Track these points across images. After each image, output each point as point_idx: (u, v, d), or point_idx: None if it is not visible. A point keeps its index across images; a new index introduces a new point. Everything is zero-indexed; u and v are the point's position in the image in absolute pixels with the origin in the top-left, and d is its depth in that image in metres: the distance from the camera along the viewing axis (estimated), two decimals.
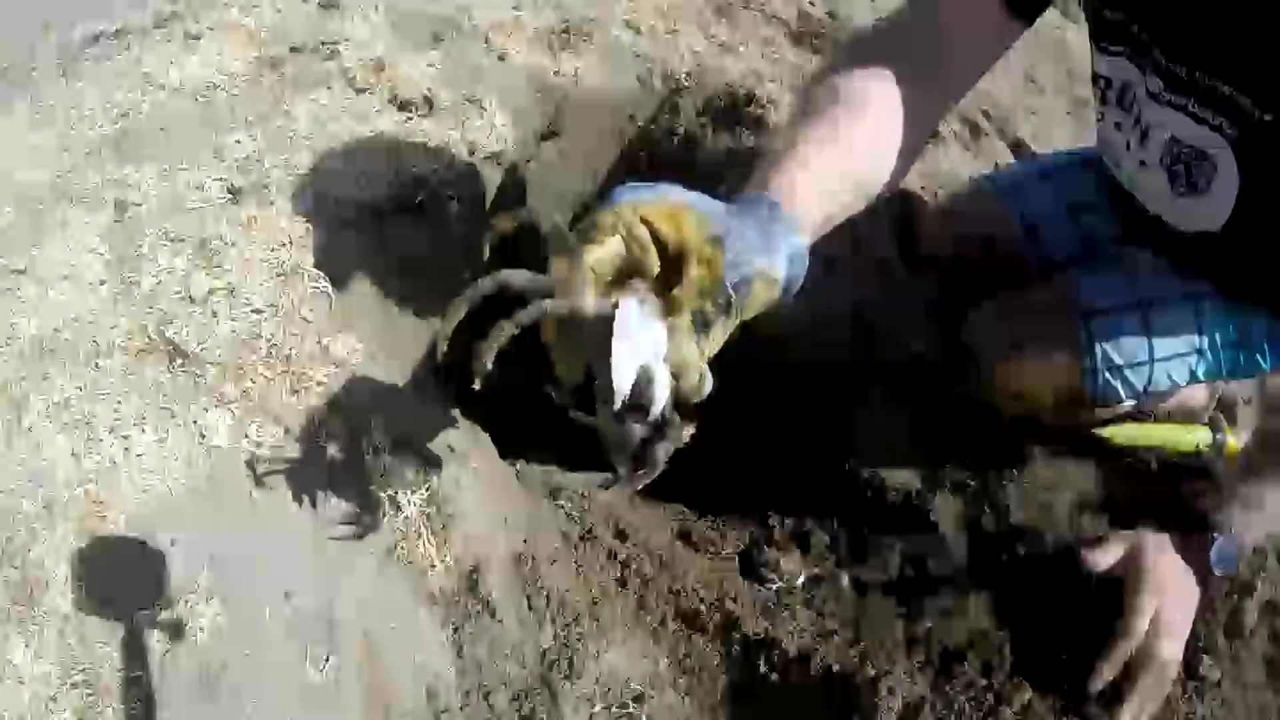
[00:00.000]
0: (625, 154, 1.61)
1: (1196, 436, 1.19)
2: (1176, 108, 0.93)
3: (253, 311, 1.12)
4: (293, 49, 1.51)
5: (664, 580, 1.07)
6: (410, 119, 1.41)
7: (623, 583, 1.06)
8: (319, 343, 1.12)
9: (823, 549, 1.15)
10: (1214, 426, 1.21)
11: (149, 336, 1.08)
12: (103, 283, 1.13)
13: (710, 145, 1.55)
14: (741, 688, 1.00)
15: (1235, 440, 1.21)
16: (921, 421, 1.18)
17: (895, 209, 1.42)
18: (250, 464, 1.00)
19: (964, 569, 1.07)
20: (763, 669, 1.00)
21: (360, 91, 1.44)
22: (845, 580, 1.11)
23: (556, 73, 1.55)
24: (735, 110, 1.55)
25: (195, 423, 1.02)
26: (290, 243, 1.21)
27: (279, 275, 1.16)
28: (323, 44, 1.51)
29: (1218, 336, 1.13)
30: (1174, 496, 1.07)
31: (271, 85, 1.43)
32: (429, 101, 1.43)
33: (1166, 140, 0.97)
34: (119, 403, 1.02)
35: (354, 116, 1.39)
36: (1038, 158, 1.47)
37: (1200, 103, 0.90)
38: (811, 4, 1.90)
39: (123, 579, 0.93)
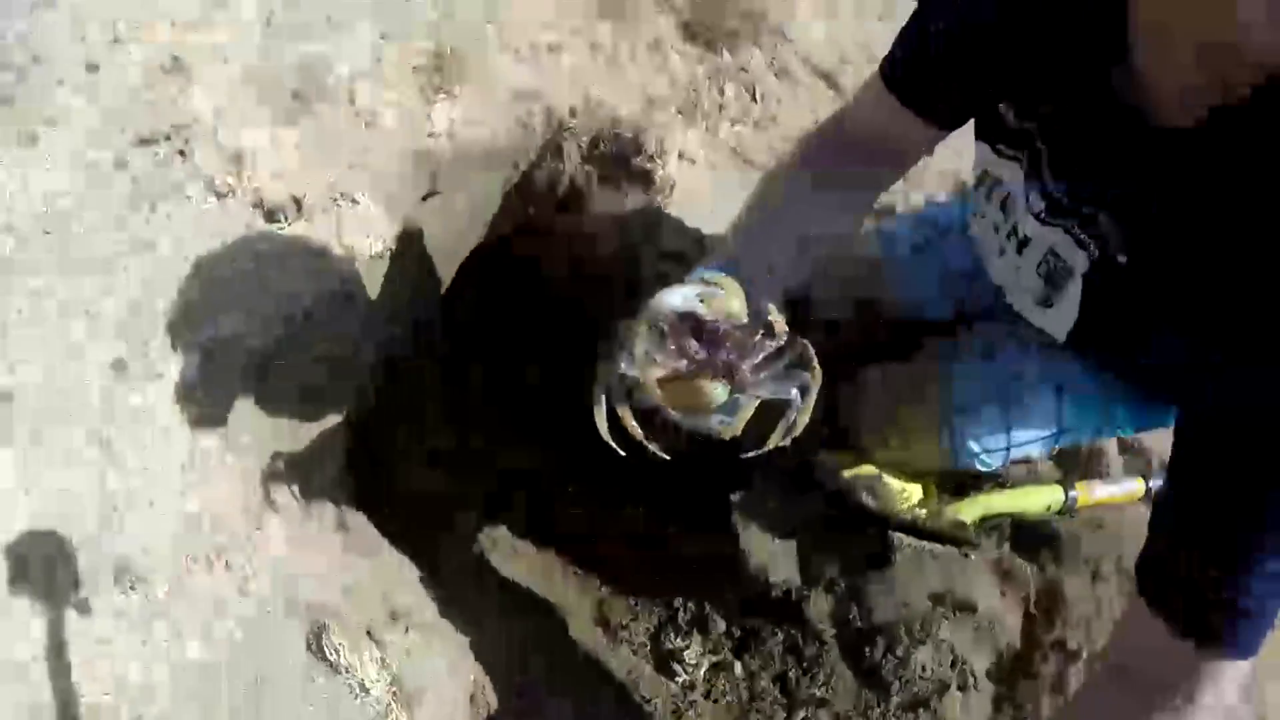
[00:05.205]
0: (507, 207, 1.56)
1: (1047, 498, 1.32)
2: (1056, 227, 0.95)
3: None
4: (142, 140, 1.39)
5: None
6: (281, 227, 1.36)
7: None
8: (252, 534, 1.18)
9: (719, 634, 1.31)
10: (1065, 485, 1.33)
11: None
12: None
13: (598, 196, 1.51)
14: None
15: (1087, 494, 1.33)
16: (799, 514, 1.30)
17: None
18: None
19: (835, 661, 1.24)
20: None
21: (221, 197, 1.36)
22: (739, 669, 1.28)
23: (431, 135, 1.47)
24: (624, 159, 1.50)
25: None
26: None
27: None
28: (174, 128, 1.40)
29: (1078, 421, 1.23)
30: None
31: (124, 196, 1.34)
32: (297, 202, 1.37)
33: (1045, 252, 0.99)
34: None
35: (218, 234, 1.33)
36: (944, 202, 1.45)
37: (1080, 226, 0.92)
38: None
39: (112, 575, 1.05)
